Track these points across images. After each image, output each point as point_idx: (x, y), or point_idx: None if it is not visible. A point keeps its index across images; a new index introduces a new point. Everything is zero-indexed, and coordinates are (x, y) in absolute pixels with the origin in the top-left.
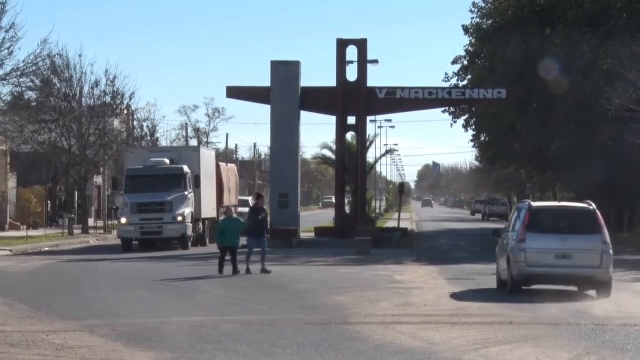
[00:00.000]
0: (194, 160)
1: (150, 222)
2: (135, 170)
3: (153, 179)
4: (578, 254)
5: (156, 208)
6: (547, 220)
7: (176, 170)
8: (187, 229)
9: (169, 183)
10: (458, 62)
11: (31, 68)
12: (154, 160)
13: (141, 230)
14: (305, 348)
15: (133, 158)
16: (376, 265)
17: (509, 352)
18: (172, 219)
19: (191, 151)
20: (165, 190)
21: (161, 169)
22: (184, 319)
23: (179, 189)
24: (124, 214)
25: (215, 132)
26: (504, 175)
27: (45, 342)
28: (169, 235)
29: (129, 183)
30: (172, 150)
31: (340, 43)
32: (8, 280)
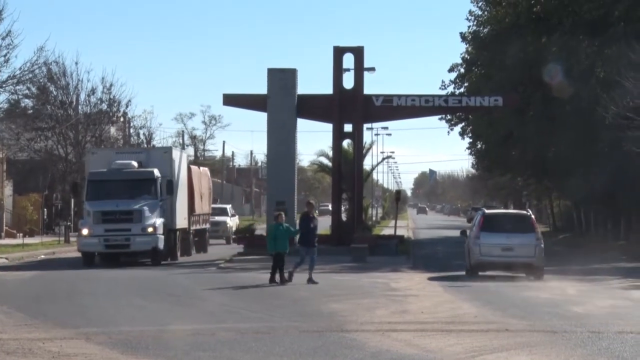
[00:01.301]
0: (165, 162)
1: (116, 233)
2: (98, 173)
3: (119, 183)
4: (518, 247)
5: (123, 217)
6: (496, 223)
7: (145, 174)
8: (158, 241)
9: (138, 189)
10: (455, 70)
11: (27, 75)
12: (119, 162)
13: (105, 243)
14: (302, 355)
15: (95, 160)
16: (373, 273)
17: (505, 359)
18: (141, 230)
19: (161, 153)
20: (132, 197)
21: (128, 172)
22: (180, 327)
23: (148, 195)
24: (85, 224)
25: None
26: (501, 183)
27: (42, 350)
28: (138, 248)
29: (91, 189)
30: (140, 151)
31: (337, 51)
32: (4, 288)
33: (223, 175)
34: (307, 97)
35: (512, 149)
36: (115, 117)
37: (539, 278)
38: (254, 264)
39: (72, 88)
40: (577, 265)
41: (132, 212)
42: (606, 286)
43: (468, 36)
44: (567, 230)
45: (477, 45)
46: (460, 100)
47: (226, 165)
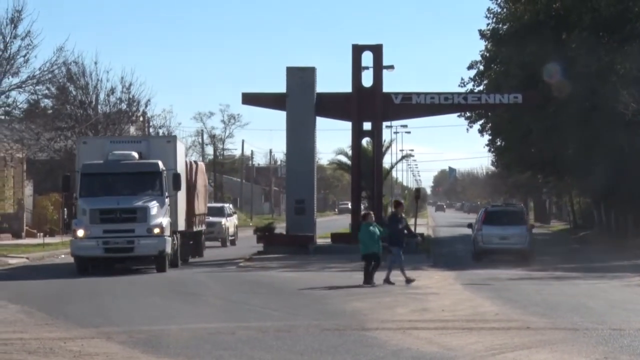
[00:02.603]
0: (168, 153)
1: (117, 235)
2: (93, 166)
3: (117, 177)
4: (512, 236)
5: (125, 216)
6: (495, 217)
7: (149, 167)
8: (166, 244)
9: (140, 183)
10: (474, 67)
11: (47, 76)
12: (117, 153)
13: (104, 246)
14: (322, 354)
15: (88, 150)
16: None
17: (526, 357)
18: (146, 231)
19: (164, 142)
20: (134, 193)
21: (128, 164)
22: (201, 326)
23: (152, 191)
24: (80, 225)
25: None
26: (521, 180)
27: (63, 350)
28: (142, 252)
29: (86, 183)
30: (139, 140)
31: (356, 49)
32: (25, 288)
33: (242, 174)
34: (326, 95)
35: (531, 146)
36: (134, 116)
37: (532, 260)
38: (274, 263)
39: (92, 88)
40: (598, 262)
41: (135, 210)
42: (627, 283)
43: (487, 33)
44: (587, 228)
45: (496, 42)
46: (479, 97)
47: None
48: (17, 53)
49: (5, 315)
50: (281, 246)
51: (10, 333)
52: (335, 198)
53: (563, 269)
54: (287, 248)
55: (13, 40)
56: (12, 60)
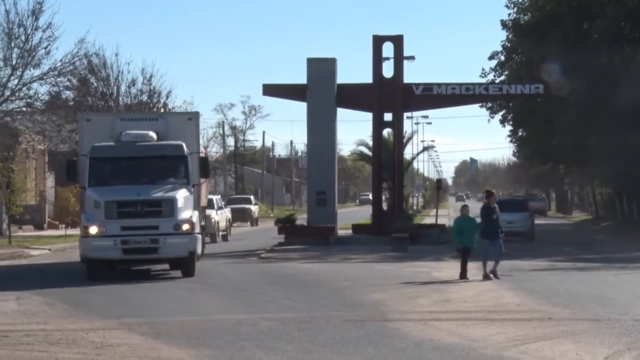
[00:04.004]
0: (189, 133)
1: (138, 232)
2: (105, 148)
3: (134, 162)
4: (517, 221)
5: (147, 210)
6: (503, 205)
7: (172, 149)
8: (197, 243)
9: (161, 169)
10: (495, 58)
11: (68, 67)
12: (132, 132)
13: (123, 247)
14: (344, 345)
15: (92, 130)
16: (414, 262)
17: (549, 348)
18: (173, 228)
19: (184, 120)
20: (153, 182)
21: (147, 146)
22: (222, 317)
23: (175, 178)
24: (92, 220)
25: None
26: (542, 171)
27: (85, 340)
28: (169, 253)
29: (95, 169)
30: (154, 117)
31: (376, 39)
32: (47, 279)
33: (263, 166)
34: (346, 86)
35: (553, 136)
36: (155, 108)
37: (531, 240)
38: (295, 254)
39: (113, 79)
40: (620, 253)
41: (160, 203)
42: None
43: (508, 24)
44: (609, 218)
45: (518, 32)
46: (500, 88)
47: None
48: (38, 45)
49: (28, 306)
50: (302, 237)
51: (32, 324)
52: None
53: (585, 259)
54: (308, 239)
55: (34, 32)
56: (33, 52)
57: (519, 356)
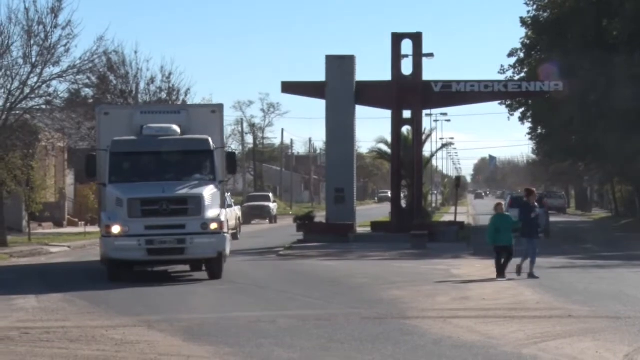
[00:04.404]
0: (213, 126)
1: (164, 232)
2: (126, 143)
3: (157, 158)
4: None
5: (173, 208)
6: (519, 202)
7: (198, 144)
8: (225, 243)
9: (186, 165)
10: (514, 55)
11: (87, 65)
12: (154, 126)
13: (148, 247)
14: (363, 342)
15: (110, 123)
16: (433, 260)
17: (569, 345)
18: (201, 227)
19: (207, 112)
20: (178, 178)
21: (170, 141)
22: (241, 314)
23: (201, 175)
24: (114, 219)
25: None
26: (562, 168)
27: (105, 338)
28: (196, 254)
29: (116, 165)
30: (176, 110)
31: (395, 37)
32: (67, 276)
33: (282, 163)
34: (365, 83)
35: (573, 134)
36: None
37: (546, 237)
38: (313, 251)
39: (132, 77)
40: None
41: (186, 200)
42: None
43: (528, 21)
44: (629, 216)
45: (537, 29)
46: (520, 85)
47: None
48: (57, 43)
49: (48, 303)
50: (321, 235)
51: (52, 322)
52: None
53: (605, 257)
54: (327, 237)
55: (54, 30)
56: (53, 50)
57: (538, 354)
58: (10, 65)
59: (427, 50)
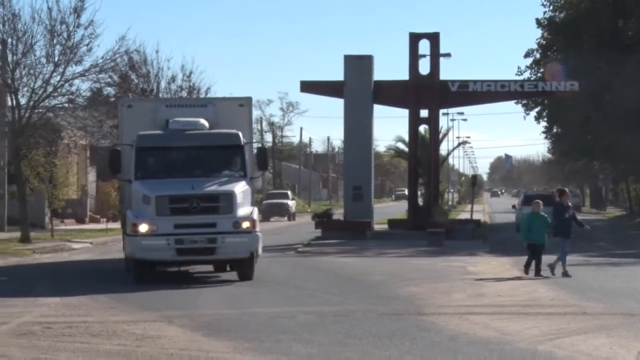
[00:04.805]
0: (241, 121)
1: (194, 231)
2: (153, 137)
3: (185, 153)
4: None
5: (203, 206)
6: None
7: (228, 138)
8: (258, 242)
9: (214, 161)
10: (530, 55)
11: (109, 64)
12: (181, 120)
13: (177, 247)
14: (380, 338)
15: (134, 117)
16: (449, 257)
17: (583, 342)
18: (232, 226)
19: (235, 106)
20: (206, 174)
21: (199, 135)
22: (261, 310)
23: (230, 171)
24: (142, 217)
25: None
26: (577, 167)
27: (126, 332)
28: (228, 254)
29: (142, 160)
30: (202, 103)
31: (413, 37)
32: (88, 272)
33: (300, 161)
34: (383, 83)
35: (588, 133)
36: None
37: None
38: (332, 248)
39: (153, 76)
40: None
41: (217, 197)
42: None
43: (544, 22)
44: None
45: (553, 30)
46: (536, 85)
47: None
48: (80, 42)
49: (70, 299)
50: (339, 232)
51: (74, 316)
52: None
53: (619, 255)
54: (345, 234)
55: (76, 29)
56: (75, 49)
57: (553, 350)
58: (33, 64)
59: (444, 50)
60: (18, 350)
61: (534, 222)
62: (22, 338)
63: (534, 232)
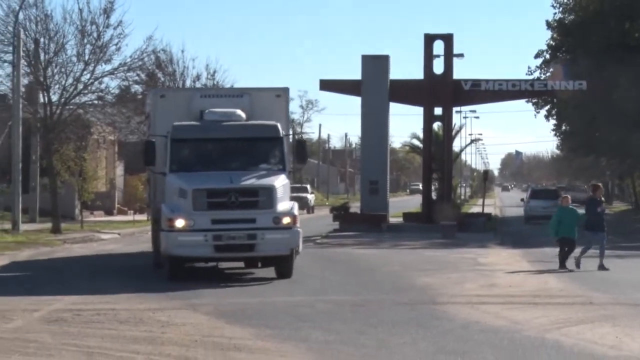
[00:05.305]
0: (277, 112)
1: (233, 226)
2: (189, 128)
3: (222, 145)
4: (550, 206)
5: (242, 201)
6: (538, 193)
7: (267, 130)
8: (299, 239)
9: (252, 153)
10: (540, 56)
11: (137, 63)
12: (217, 111)
13: (215, 243)
14: (395, 326)
15: (167, 107)
16: (461, 249)
17: (589, 330)
18: (272, 221)
19: (272, 96)
20: (243, 167)
21: (236, 126)
22: (282, 299)
23: (268, 164)
24: (178, 212)
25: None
26: (585, 163)
27: (152, 319)
28: (268, 251)
29: (178, 152)
30: (238, 94)
31: (428, 38)
32: (116, 261)
33: (319, 157)
34: (398, 82)
35: (596, 130)
36: None
37: None
38: (349, 240)
39: (179, 75)
40: None
41: (257, 192)
42: None
43: (553, 23)
44: None
45: (562, 32)
46: (545, 84)
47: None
48: (109, 42)
49: (99, 288)
50: (355, 224)
51: (103, 304)
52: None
53: (625, 247)
54: (361, 226)
55: (106, 29)
56: (105, 49)
57: (561, 338)
58: (64, 62)
59: (457, 50)
60: (49, 336)
61: (564, 216)
62: (53, 324)
63: (564, 227)
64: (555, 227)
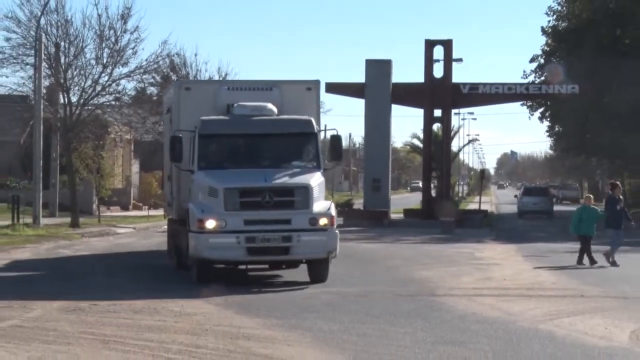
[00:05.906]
0: (308, 107)
1: (267, 228)
2: (218, 123)
3: (253, 141)
4: (540, 202)
5: (277, 200)
6: (530, 191)
7: (300, 125)
8: (336, 241)
9: (285, 150)
10: (535, 60)
11: (152, 66)
12: (247, 105)
13: (248, 246)
14: (396, 317)
15: (192, 100)
16: (459, 244)
17: (580, 322)
18: (309, 222)
19: (302, 89)
20: (276, 164)
21: (267, 121)
22: (288, 291)
23: (301, 161)
24: (209, 213)
25: None
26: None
27: (165, 310)
28: (304, 254)
29: (206, 149)
30: (266, 87)
31: (428, 43)
32: (131, 255)
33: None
34: (400, 85)
35: (587, 132)
36: None
37: (550, 216)
38: (353, 235)
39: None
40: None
41: (292, 191)
42: None
43: (548, 30)
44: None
45: (556, 37)
46: (540, 88)
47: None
48: (126, 46)
49: (115, 279)
50: (359, 220)
51: (119, 294)
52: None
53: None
54: (364, 222)
55: (123, 34)
56: (122, 52)
57: (553, 329)
58: (84, 65)
59: (456, 55)
60: (68, 325)
61: (584, 214)
62: (71, 314)
63: (584, 224)
64: (576, 224)
